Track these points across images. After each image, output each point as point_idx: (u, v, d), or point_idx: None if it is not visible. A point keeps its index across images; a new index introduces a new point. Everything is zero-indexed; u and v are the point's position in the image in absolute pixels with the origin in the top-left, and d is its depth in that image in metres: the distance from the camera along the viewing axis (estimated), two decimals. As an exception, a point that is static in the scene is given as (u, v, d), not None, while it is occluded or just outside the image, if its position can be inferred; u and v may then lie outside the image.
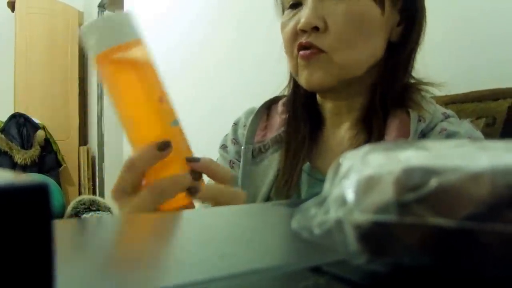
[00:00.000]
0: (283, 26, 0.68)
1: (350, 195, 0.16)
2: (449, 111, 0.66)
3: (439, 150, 0.16)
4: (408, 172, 0.15)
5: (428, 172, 0.15)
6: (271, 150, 0.70)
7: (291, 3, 0.68)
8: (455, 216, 0.14)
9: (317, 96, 0.71)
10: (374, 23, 0.64)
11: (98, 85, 4.00)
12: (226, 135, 0.78)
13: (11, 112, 3.80)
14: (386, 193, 0.15)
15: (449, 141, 0.17)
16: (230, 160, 0.73)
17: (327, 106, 0.70)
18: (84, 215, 2.80)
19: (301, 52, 0.64)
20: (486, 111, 0.72)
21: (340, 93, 0.67)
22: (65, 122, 4.10)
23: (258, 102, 0.79)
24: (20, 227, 0.11)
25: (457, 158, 0.15)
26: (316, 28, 0.62)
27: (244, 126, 0.75)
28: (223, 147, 0.76)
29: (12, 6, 3.98)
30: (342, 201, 0.16)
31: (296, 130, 0.69)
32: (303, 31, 0.63)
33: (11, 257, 0.10)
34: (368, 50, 0.65)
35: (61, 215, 3.08)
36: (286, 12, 0.68)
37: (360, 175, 0.16)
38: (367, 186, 0.16)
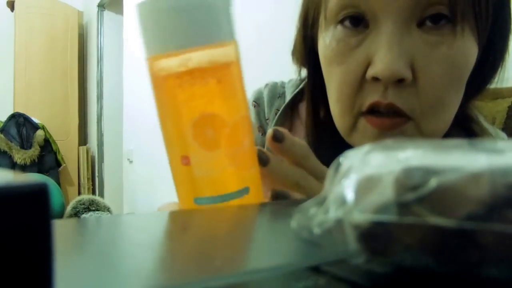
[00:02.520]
0: (330, 63, 0.46)
1: (349, 195, 0.16)
2: (503, 134, 0.56)
3: (437, 150, 0.16)
4: (408, 172, 0.15)
5: (428, 172, 0.15)
6: None
7: (346, 13, 0.43)
8: (454, 216, 0.14)
9: None
10: (471, 67, 0.44)
11: (97, 85, 4.00)
12: None
13: (11, 112, 3.80)
14: (385, 193, 0.15)
15: (447, 141, 0.17)
16: None
17: None
18: (84, 215, 2.80)
19: (376, 120, 0.43)
20: (486, 111, 0.72)
21: None
22: (65, 121, 4.11)
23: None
24: (20, 227, 0.11)
25: (457, 158, 0.15)
26: (400, 80, 0.41)
27: (267, 119, 0.61)
28: None
29: (11, 5, 3.98)
30: (342, 200, 0.16)
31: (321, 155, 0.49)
32: (377, 78, 0.42)
33: (10, 257, 0.10)
34: (457, 105, 0.46)
35: (60, 215, 3.08)
36: (334, 32, 0.45)
37: (360, 174, 0.16)
38: (367, 185, 0.16)
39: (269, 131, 0.37)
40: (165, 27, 0.30)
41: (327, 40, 0.46)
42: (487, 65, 0.48)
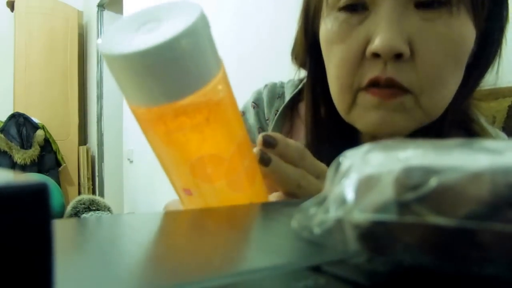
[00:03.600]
0: (331, 42, 0.47)
1: (350, 195, 0.16)
2: (503, 134, 0.57)
3: (438, 149, 0.16)
4: (408, 171, 0.15)
5: (428, 171, 0.15)
6: None
7: (346, 2, 0.46)
8: (455, 215, 0.14)
9: None
10: (468, 48, 0.46)
11: (97, 85, 4.01)
12: (244, 113, 0.62)
13: (11, 111, 3.81)
14: (386, 192, 0.15)
15: (448, 141, 0.17)
16: None
17: None
18: (84, 215, 2.80)
19: (376, 90, 0.44)
20: (486, 110, 0.72)
21: None
22: (65, 121, 4.11)
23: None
24: (19, 227, 0.11)
25: (457, 157, 0.15)
26: (397, 55, 0.43)
27: (267, 120, 0.61)
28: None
29: (11, 5, 3.98)
30: (342, 200, 0.16)
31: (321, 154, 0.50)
32: (377, 55, 0.43)
33: (10, 257, 0.10)
34: (457, 84, 0.47)
35: (60, 215, 3.08)
36: (336, 15, 0.46)
37: (360, 174, 0.16)
38: (367, 185, 0.16)
39: (259, 137, 0.37)
40: (150, 82, 0.27)
41: (328, 24, 0.47)
42: (484, 55, 0.50)
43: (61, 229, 0.22)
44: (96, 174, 4.11)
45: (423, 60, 0.44)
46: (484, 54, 0.50)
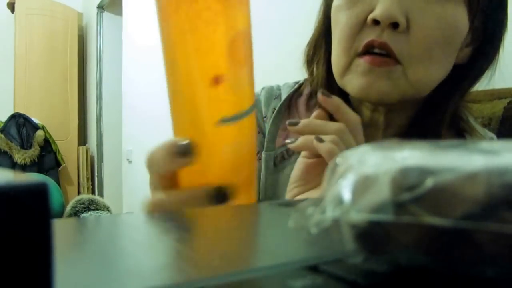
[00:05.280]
0: (339, 10, 0.52)
1: (346, 195, 0.16)
2: (491, 134, 0.59)
3: (434, 150, 0.16)
4: (404, 172, 0.15)
5: (424, 172, 0.15)
6: (295, 156, 0.57)
7: None
8: (451, 216, 0.14)
9: (351, 99, 0.57)
10: (461, 37, 0.50)
11: (97, 85, 4.00)
12: None
13: (11, 112, 3.80)
14: (382, 192, 0.15)
15: (443, 142, 0.17)
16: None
17: (362, 114, 0.56)
18: (83, 215, 2.80)
19: (368, 56, 0.49)
20: (482, 112, 0.73)
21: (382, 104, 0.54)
22: (65, 122, 4.11)
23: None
24: (19, 226, 0.11)
25: (453, 158, 0.15)
26: (394, 25, 0.47)
27: (264, 117, 0.63)
28: None
29: (12, 7, 3.99)
30: (339, 200, 0.16)
31: None
32: (376, 23, 0.48)
33: (9, 257, 0.10)
34: (445, 69, 0.51)
35: (60, 215, 3.08)
36: None
37: (356, 174, 0.16)
38: (363, 185, 0.16)
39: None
40: None
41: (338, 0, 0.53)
42: (481, 59, 0.53)
43: (60, 228, 0.22)
44: (96, 174, 4.11)
45: (416, 34, 0.48)
46: (480, 58, 0.53)
